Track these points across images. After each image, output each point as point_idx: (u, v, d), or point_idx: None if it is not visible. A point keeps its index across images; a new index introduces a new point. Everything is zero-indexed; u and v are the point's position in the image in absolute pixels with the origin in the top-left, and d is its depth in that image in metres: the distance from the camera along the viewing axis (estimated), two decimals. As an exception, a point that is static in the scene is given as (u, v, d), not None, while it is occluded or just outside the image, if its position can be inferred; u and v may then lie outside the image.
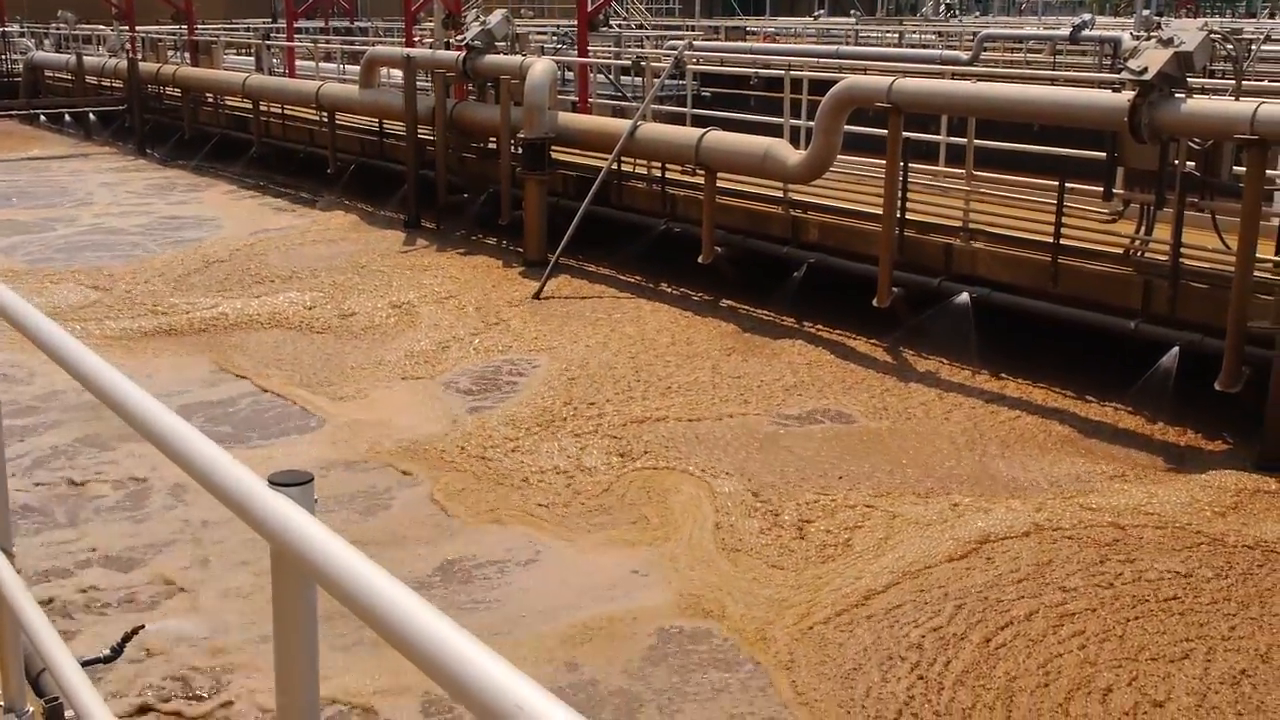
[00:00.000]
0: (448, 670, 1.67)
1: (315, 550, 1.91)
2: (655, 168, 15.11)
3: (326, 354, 11.64)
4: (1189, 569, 7.18)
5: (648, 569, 7.29)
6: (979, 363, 11.20)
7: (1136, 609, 6.77)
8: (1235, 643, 6.47)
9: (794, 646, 6.40)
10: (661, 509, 8.09)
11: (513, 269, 15.24)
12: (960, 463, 8.97)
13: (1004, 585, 7.01)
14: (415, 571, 7.16)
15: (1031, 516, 7.88)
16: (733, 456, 9.01)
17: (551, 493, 8.39)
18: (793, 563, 7.35)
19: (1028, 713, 5.87)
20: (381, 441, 9.37)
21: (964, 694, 6.03)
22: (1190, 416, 9.71)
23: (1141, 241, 10.58)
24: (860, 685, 6.09)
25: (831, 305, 12.67)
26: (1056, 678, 6.15)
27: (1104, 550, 7.41)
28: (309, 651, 2.09)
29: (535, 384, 10.71)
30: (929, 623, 6.66)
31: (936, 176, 13.17)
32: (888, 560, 7.33)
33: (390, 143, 19.68)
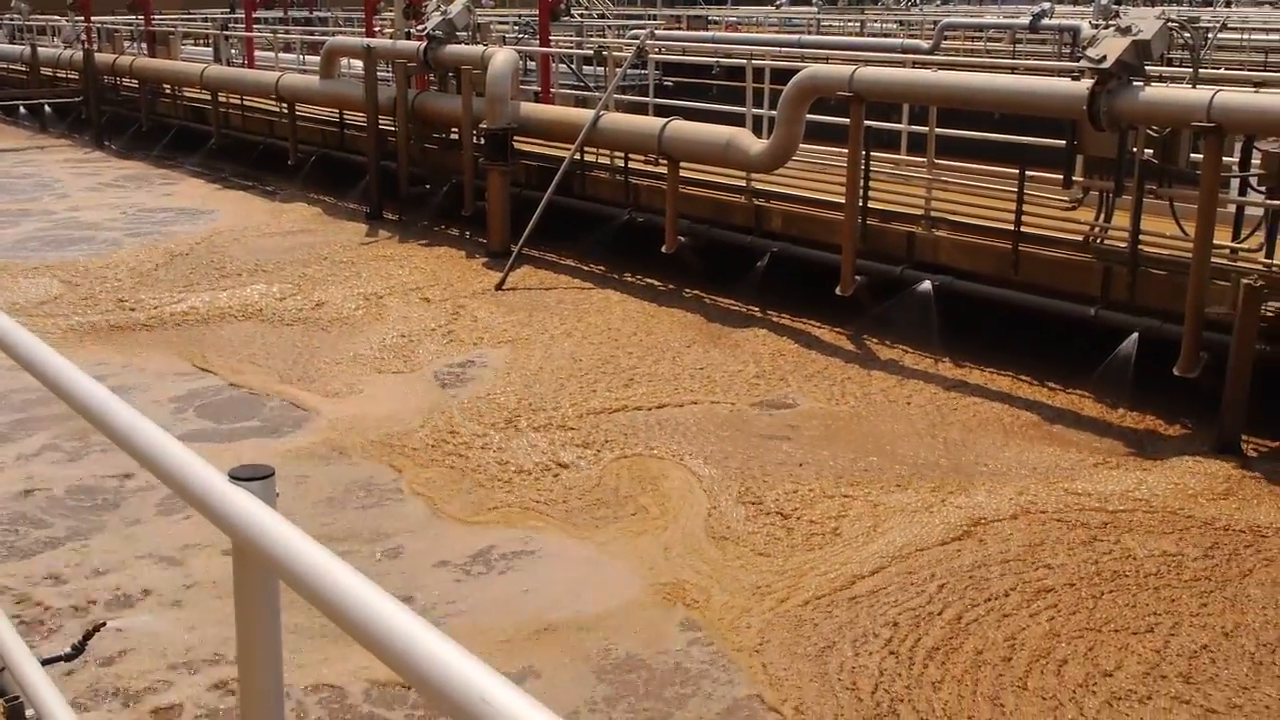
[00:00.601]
0: (412, 664, 1.66)
1: (277, 545, 1.90)
2: (618, 157, 15.09)
3: (309, 347, 11.53)
4: (1172, 549, 7.26)
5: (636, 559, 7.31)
6: (941, 350, 11.27)
7: (1113, 583, 6.86)
8: (1203, 619, 6.57)
9: (767, 629, 6.45)
10: (657, 498, 8.11)
11: (476, 260, 15.18)
12: (928, 450, 9.02)
13: (990, 565, 7.08)
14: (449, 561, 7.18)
15: (1014, 501, 7.96)
16: (704, 447, 9.02)
17: (543, 488, 8.35)
18: (780, 550, 7.40)
19: (992, 685, 5.98)
20: (371, 437, 9.25)
21: (933, 668, 6.12)
22: (1150, 402, 9.81)
23: (1101, 229, 10.66)
24: (834, 661, 6.17)
25: (795, 294, 12.71)
26: (1020, 650, 6.27)
27: (1091, 532, 7.48)
28: (271, 645, 2.08)
29: (511, 377, 10.66)
30: (909, 602, 6.74)
31: (898, 165, 13.22)
32: (878, 545, 7.41)
33: (351, 134, 19.55)
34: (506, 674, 1.52)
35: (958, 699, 5.81)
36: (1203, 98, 9.23)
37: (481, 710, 1.49)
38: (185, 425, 9.50)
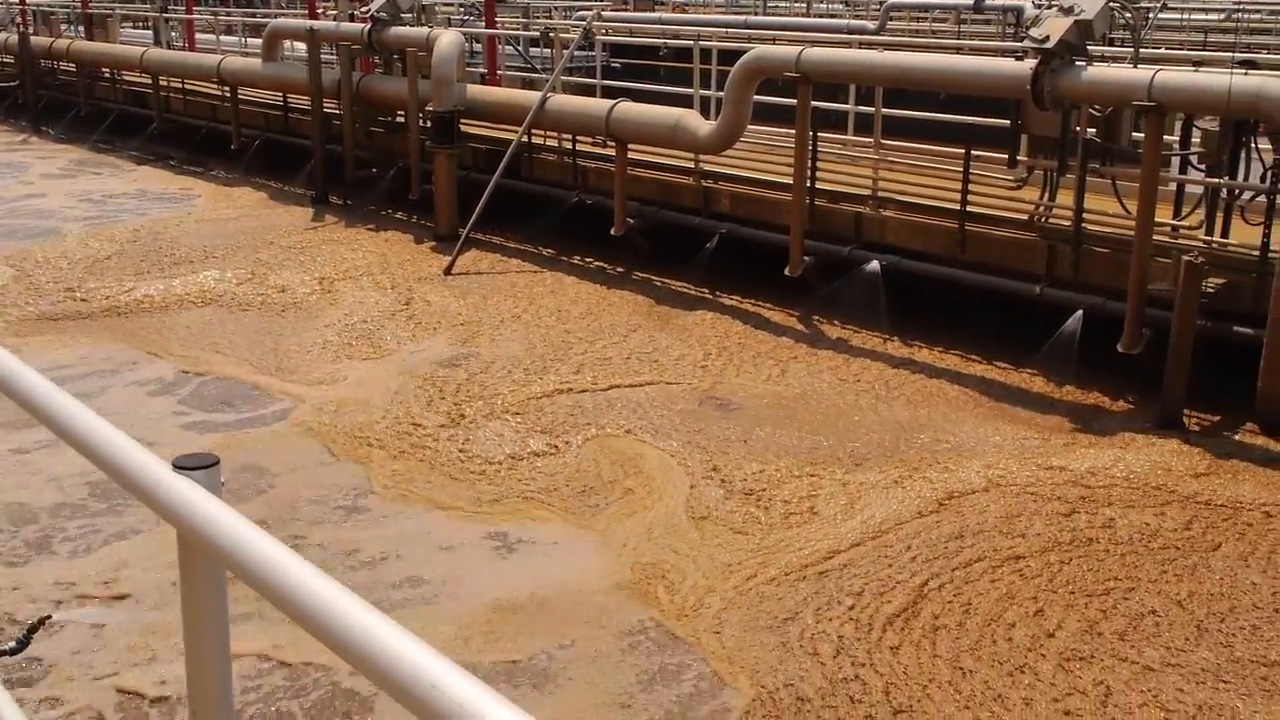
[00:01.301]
0: (362, 653, 1.65)
1: (222, 534, 1.88)
2: (566, 140, 15.03)
3: (272, 333, 11.39)
4: (1140, 522, 7.37)
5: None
6: (889, 329, 11.35)
7: (1080, 550, 6.98)
8: (1159, 585, 6.69)
9: (731, 603, 6.50)
10: (641, 479, 8.13)
11: (424, 244, 15.08)
12: (884, 428, 9.08)
13: (965, 537, 7.19)
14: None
15: (983, 475, 8.08)
16: (669, 429, 9.03)
17: (532, 477, 8.32)
18: (759, 528, 7.45)
19: (950, 647, 6.09)
20: (357, 426, 9.17)
21: (891, 634, 6.23)
22: (1095, 378, 9.94)
23: (1045, 207, 10.77)
24: (794, 630, 6.23)
25: (744, 275, 12.74)
26: (973, 615, 6.39)
27: (1051, 504, 7.58)
28: (219, 637, 2.05)
29: (472, 365, 10.62)
30: (879, 573, 6.81)
31: (845, 145, 13.27)
32: (855, 522, 7.49)
33: (295, 118, 19.33)
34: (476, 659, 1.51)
35: (918, 664, 5.88)
36: (1144, 77, 9.33)
37: (431, 697, 1.48)
38: (178, 420, 9.33)
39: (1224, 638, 6.19)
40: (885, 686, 5.76)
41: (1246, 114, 9.19)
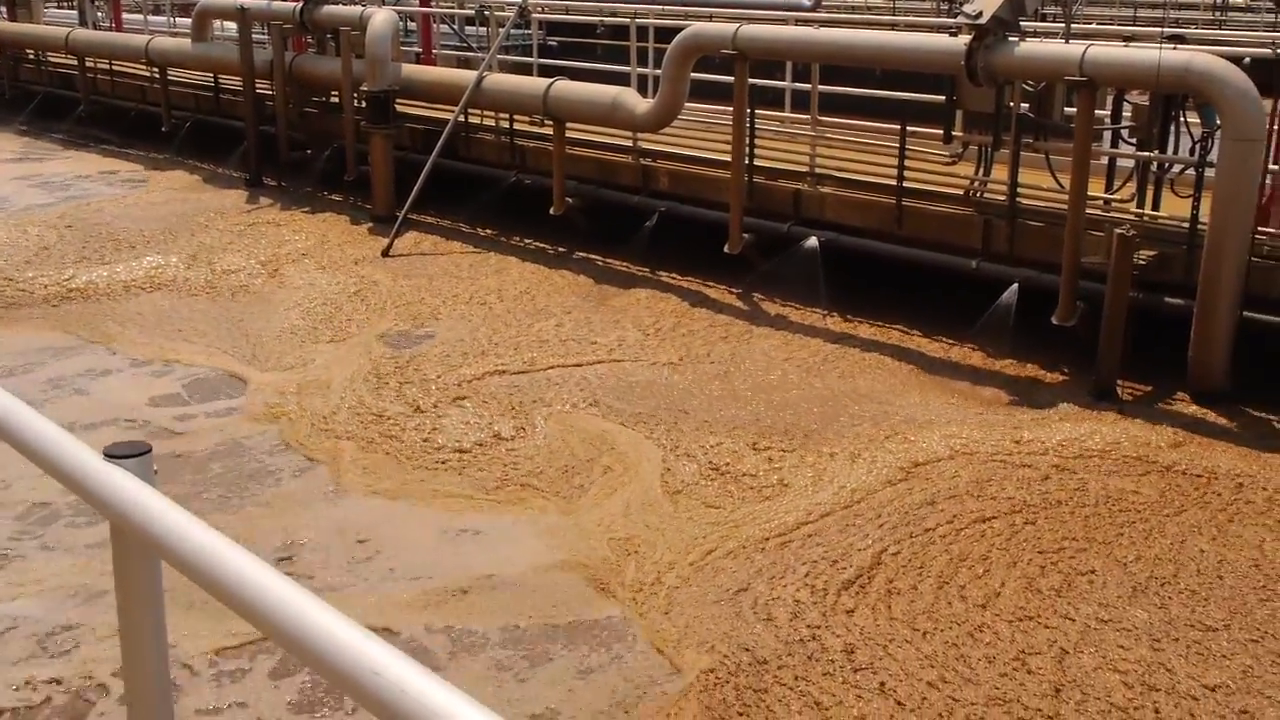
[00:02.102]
0: (303, 641, 1.64)
1: (156, 524, 1.85)
2: (503, 119, 14.94)
3: (234, 320, 11.21)
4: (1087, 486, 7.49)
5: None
6: (829, 305, 11.42)
7: (1039, 515, 7.10)
8: (1108, 548, 6.83)
9: (691, 574, 6.56)
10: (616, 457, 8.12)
11: (361, 225, 14.93)
12: (826, 402, 9.13)
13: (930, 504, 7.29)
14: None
15: (945, 444, 8.17)
16: (629, 405, 9.03)
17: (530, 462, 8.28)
18: (732, 502, 7.51)
19: (905, 609, 6.21)
20: (348, 416, 9.05)
21: (847, 597, 6.32)
22: (1031, 350, 10.08)
23: (980, 182, 10.88)
24: (746, 600, 6.29)
25: (684, 253, 12.75)
26: (926, 577, 6.51)
27: (993, 470, 7.67)
28: (156, 628, 2.03)
29: (428, 347, 10.54)
30: (842, 541, 6.91)
31: (783, 123, 13.31)
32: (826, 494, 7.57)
33: (227, 99, 19.03)
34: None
35: (874, 624, 5.95)
36: (1075, 52, 9.43)
37: (373, 683, 1.47)
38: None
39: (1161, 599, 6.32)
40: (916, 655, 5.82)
41: (1175, 88, 9.33)
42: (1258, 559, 6.76)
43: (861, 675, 5.67)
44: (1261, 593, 6.41)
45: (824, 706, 5.44)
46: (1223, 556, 6.77)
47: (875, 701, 5.48)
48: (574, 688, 5.65)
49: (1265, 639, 5.96)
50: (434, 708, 1.40)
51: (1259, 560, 6.74)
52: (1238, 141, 8.77)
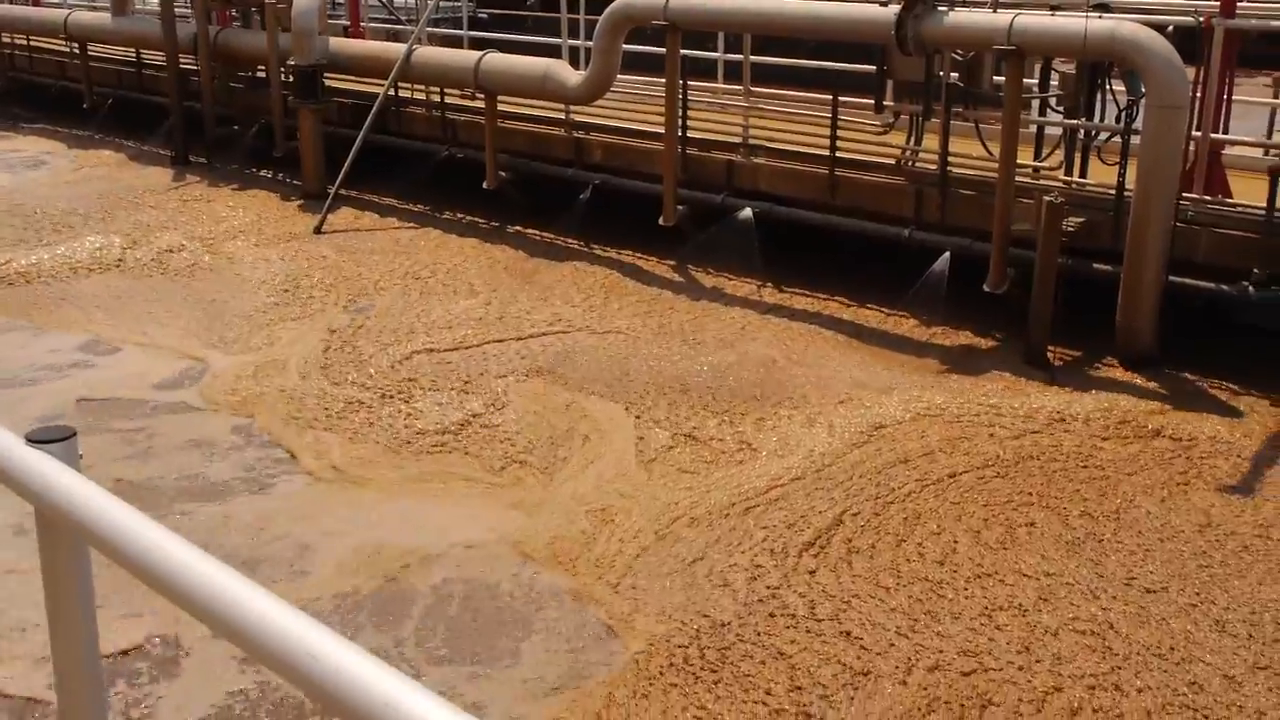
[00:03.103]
0: (238, 625, 1.61)
1: (83, 509, 1.81)
2: (434, 93, 14.78)
3: (195, 300, 11.00)
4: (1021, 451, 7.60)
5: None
6: (764, 275, 11.47)
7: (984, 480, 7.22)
8: (1049, 500, 7.01)
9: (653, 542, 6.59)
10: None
11: (292, 202, 14.73)
12: (764, 373, 9.16)
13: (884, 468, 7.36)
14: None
15: (906, 409, 8.22)
16: (591, 379, 9.00)
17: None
18: (706, 469, 7.59)
19: (866, 568, 6.31)
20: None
21: (808, 558, 6.40)
22: (964, 318, 10.19)
23: (912, 152, 10.95)
24: (702, 569, 6.34)
25: (619, 225, 12.72)
26: (885, 536, 6.64)
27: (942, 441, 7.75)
28: (85, 615, 1.99)
29: (371, 322, 10.43)
30: (805, 505, 6.98)
31: (716, 94, 13.30)
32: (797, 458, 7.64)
33: (150, 74, 18.64)
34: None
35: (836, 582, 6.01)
36: (1003, 21, 9.51)
37: (309, 666, 1.45)
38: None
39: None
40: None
41: (1101, 56, 9.44)
42: (1202, 522, 6.90)
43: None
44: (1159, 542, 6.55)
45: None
46: (1162, 518, 6.91)
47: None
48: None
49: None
50: (371, 690, 1.38)
51: (1180, 520, 6.89)
52: (1162, 109, 8.89)
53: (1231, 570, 6.32)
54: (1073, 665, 5.50)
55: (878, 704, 5.24)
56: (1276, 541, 6.63)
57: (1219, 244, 9.23)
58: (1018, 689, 5.32)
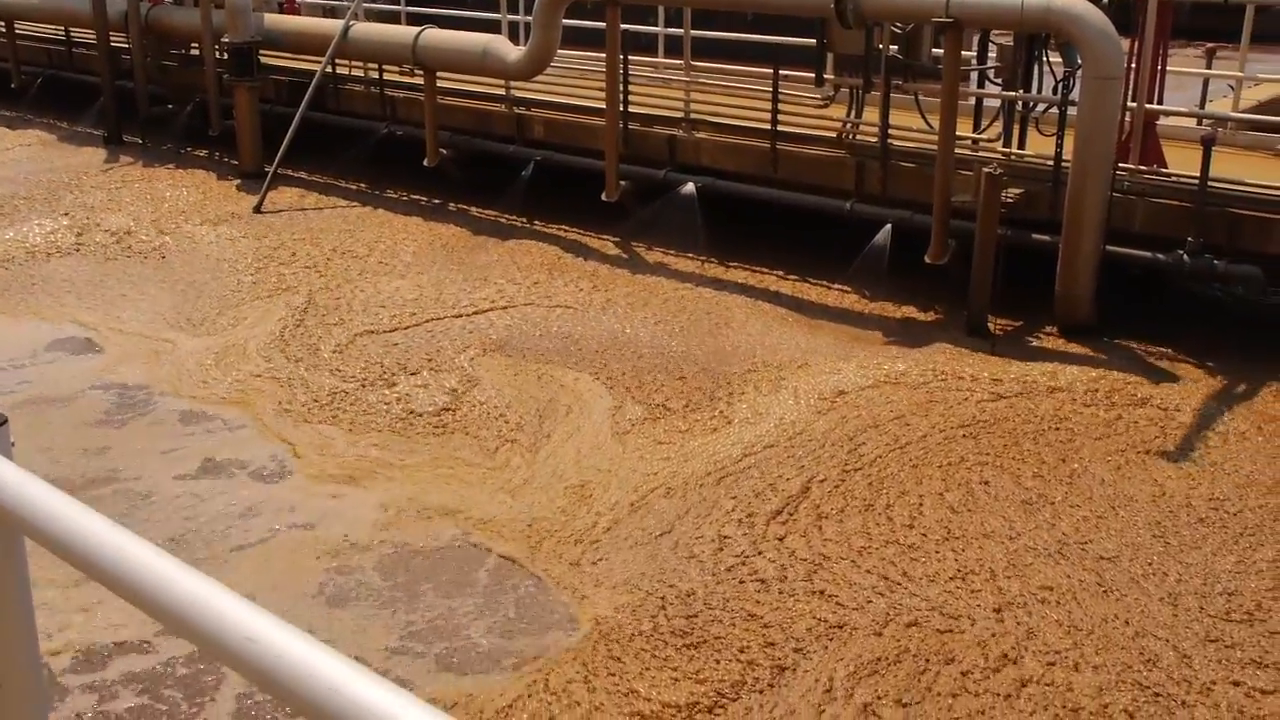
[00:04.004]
0: (175, 612, 1.59)
1: (16, 498, 1.77)
2: (372, 69, 14.62)
3: (173, 284, 10.79)
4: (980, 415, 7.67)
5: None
6: (708, 250, 11.48)
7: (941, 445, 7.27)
8: (1004, 462, 7.11)
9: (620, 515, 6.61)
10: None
11: (229, 182, 14.52)
12: (718, 344, 9.17)
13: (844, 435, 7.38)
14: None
15: (863, 376, 8.25)
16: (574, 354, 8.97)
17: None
18: (681, 438, 7.65)
19: (835, 533, 6.40)
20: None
21: (776, 526, 6.47)
22: (906, 290, 10.26)
23: (852, 125, 10.99)
24: (668, 541, 6.38)
25: (561, 202, 12.67)
26: (852, 501, 6.73)
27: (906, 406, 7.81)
28: (22, 611, 1.95)
29: (316, 304, 10.31)
30: (775, 472, 7.05)
31: (656, 68, 13.26)
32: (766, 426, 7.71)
33: (81, 53, 18.26)
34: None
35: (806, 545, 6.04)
36: (941, -7, 9.54)
37: (249, 650, 1.44)
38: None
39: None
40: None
41: (1038, 28, 9.51)
42: (1155, 492, 7.02)
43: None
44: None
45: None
46: (1114, 485, 7.02)
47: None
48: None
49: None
50: (312, 672, 1.37)
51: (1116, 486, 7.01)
52: (1098, 80, 8.99)
53: (1186, 541, 6.42)
54: (1029, 626, 5.58)
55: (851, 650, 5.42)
56: (1207, 507, 6.76)
57: (1155, 213, 9.36)
58: (981, 650, 5.40)
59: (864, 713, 5.07)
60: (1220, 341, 9.17)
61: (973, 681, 5.22)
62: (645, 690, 5.20)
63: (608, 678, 5.28)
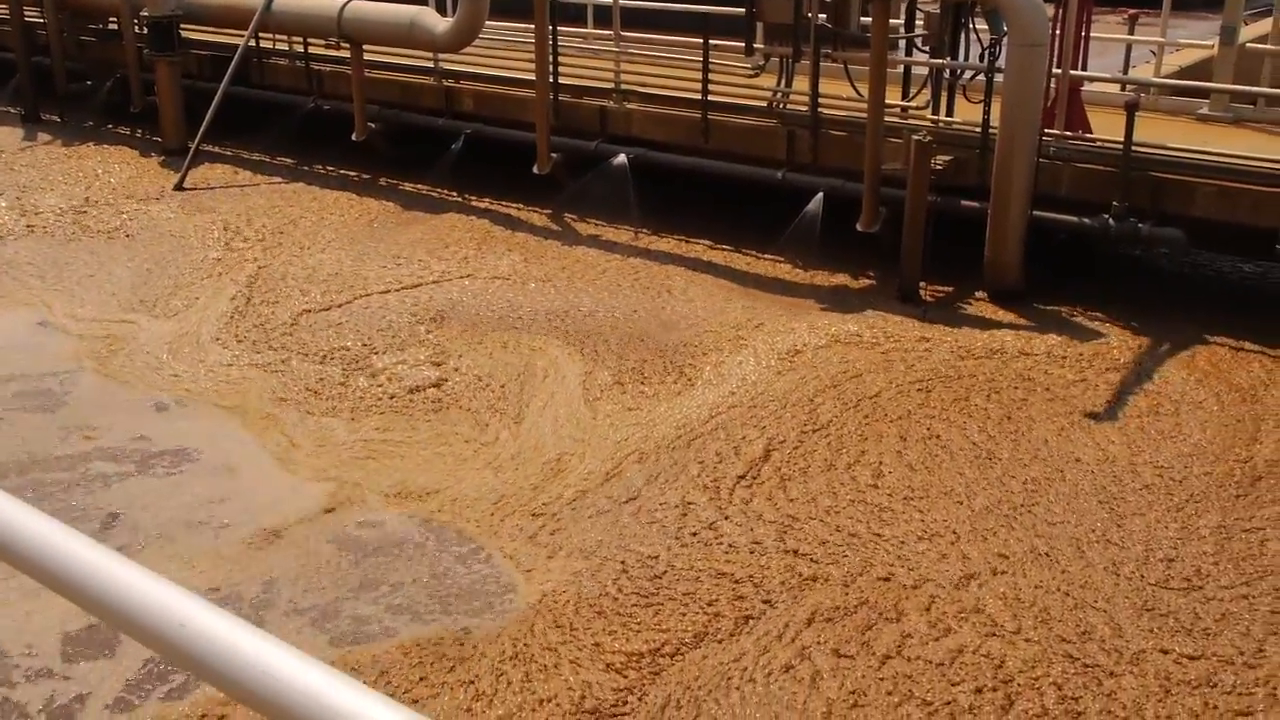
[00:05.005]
0: (104, 600, 1.56)
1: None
2: (297, 43, 14.38)
3: (138, 264, 10.57)
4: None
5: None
6: (640, 221, 11.46)
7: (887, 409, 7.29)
8: (949, 417, 7.13)
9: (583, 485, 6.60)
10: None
11: (151, 159, 14.24)
12: (658, 314, 9.17)
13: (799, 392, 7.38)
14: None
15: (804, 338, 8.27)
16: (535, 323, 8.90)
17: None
18: (648, 403, 7.72)
19: (800, 494, 6.51)
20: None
21: (741, 489, 6.56)
22: (839, 258, 10.33)
23: (782, 94, 11.01)
24: (628, 511, 6.42)
25: (493, 175, 12.59)
26: (813, 462, 6.84)
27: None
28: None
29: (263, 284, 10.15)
30: (737, 434, 7.11)
31: (586, 39, 13.18)
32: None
33: (-6, 28, 17.79)
34: (204, 596, 1.45)
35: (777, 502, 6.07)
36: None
37: (180, 635, 1.41)
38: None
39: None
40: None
41: (962, -5, 9.57)
42: (1094, 455, 7.14)
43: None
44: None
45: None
46: (1057, 446, 7.13)
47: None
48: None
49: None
50: (244, 655, 1.35)
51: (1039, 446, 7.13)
52: (1023, 47, 9.07)
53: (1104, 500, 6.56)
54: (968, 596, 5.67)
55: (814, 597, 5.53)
56: (1113, 466, 6.90)
57: (1080, 178, 9.49)
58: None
59: (800, 655, 5.20)
60: (1147, 304, 9.34)
61: (911, 644, 5.30)
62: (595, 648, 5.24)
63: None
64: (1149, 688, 5.01)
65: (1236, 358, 8.38)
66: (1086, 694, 4.97)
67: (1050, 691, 4.99)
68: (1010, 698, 4.96)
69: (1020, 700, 4.95)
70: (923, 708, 4.91)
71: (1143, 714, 4.86)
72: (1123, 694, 4.97)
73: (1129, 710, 4.88)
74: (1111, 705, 4.91)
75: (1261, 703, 4.94)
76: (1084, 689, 5.01)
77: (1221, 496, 6.53)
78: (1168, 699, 4.95)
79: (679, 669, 5.15)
